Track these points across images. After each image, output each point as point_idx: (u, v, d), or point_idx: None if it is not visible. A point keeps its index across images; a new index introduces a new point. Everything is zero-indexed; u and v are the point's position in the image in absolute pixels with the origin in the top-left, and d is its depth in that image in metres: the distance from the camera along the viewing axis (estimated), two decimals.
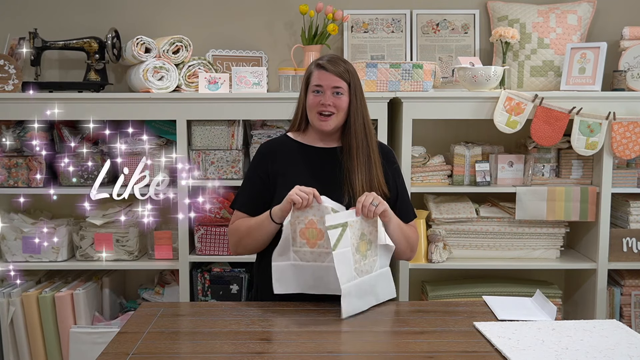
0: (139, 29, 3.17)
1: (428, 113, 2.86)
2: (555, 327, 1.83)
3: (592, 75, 2.93)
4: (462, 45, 3.25)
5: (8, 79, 2.90)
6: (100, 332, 2.90)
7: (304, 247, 1.98)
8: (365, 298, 2.00)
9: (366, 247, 2.00)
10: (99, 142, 3.03)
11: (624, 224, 2.95)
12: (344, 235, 1.93)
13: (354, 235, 1.96)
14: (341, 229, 1.93)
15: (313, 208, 1.97)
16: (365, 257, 2.00)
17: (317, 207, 1.96)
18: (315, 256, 1.98)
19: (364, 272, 1.99)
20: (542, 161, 2.99)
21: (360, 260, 1.98)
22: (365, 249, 2.00)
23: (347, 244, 1.94)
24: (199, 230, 2.96)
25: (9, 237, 2.97)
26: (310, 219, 1.97)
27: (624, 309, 2.97)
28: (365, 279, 1.99)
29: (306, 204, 1.95)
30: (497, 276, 3.17)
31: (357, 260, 1.97)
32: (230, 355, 1.65)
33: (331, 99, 2.11)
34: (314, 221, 1.97)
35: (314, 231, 1.97)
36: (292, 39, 3.27)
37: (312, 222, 1.97)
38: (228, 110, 2.87)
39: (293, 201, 1.96)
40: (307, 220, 1.97)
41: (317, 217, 1.97)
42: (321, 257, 1.97)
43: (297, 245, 1.99)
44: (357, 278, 1.96)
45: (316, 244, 1.97)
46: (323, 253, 1.96)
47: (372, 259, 2.02)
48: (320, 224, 1.96)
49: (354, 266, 1.95)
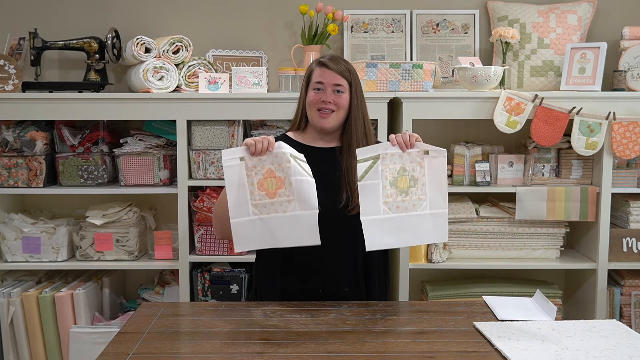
0: (139, 29, 3.17)
1: (428, 113, 2.86)
2: (555, 327, 1.83)
3: (592, 75, 2.93)
4: (462, 45, 3.25)
5: (8, 79, 2.90)
6: (100, 332, 2.90)
7: (264, 199, 1.90)
8: (400, 236, 1.93)
9: (408, 183, 1.92)
10: (99, 142, 3.03)
11: (624, 224, 2.95)
12: (374, 168, 1.87)
13: (388, 169, 1.90)
14: (372, 162, 1.87)
15: (269, 156, 1.90)
16: (405, 194, 1.92)
17: (274, 154, 1.89)
18: (277, 206, 1.90)
19: (402, 209, 1.92)
20: (542, 161, 2.99)
21: (396, 196, 1.91)
22: (407, 185, 1.92)
23: (376, 177, 1.88)
24: (199, 230, 2.96)
25: (9, 237, 2.97)
26: (268, 168, 1.90)
27: (624, 309, 2.97)
28: (404, 216, 1.92)
29: (260, 147, 1.88)
30: (497, 276, 3.17)
31: (392, 195, 1.90)
32: (230, 355, 1.65)
33: (332, 97, 2.12)
34: (272, 170, 1.90)
35: (273, 180, 1.90)
36: (292, 39, 3.27)
37: (270, 172, 1.90)
38: (228, 110, 2.87)
39: (247, 145, 1.89)
40: (265, 170, 1.90)
41: (275, 165, 1.90)
42: (282, 206, 1.90)
43: (256, 198, 1.90)
44: (388, 213, 1.91)
45: (276, 193, 1.90)
46: (284, 202, 1.90)
47: (416, 196, 1.93)
48: (279, 171, 1.89)
49: (385, 200, 1.89)
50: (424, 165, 1.94)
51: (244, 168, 1.91)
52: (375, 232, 1.89)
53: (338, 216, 2.06)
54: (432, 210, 1.95)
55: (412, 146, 1.94)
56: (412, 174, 1.93)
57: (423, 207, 1.94)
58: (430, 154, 1.94)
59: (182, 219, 2.91)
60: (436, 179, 1.95)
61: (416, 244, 1.97)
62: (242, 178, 1.91)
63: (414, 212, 1.93)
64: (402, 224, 1.92)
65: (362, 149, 1.93)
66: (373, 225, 1.89)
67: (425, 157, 1.94)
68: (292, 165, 1.89)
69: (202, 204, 2.94)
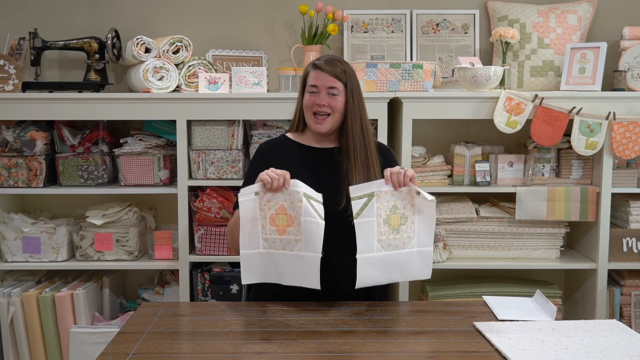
0: (139, 29, 3.17)
1: (428, 113, 2.86)
2: (555, 327, 1.83)
3: (592, 75, 2.93)
4: (462, 45, 3.25)
5: (8, 79, 2.90)
6: (100, 332, 2.90)
7: (274, 234, 1.94)
8: (389, 272, 1.96)
9: (399, 221, 1.95)
10: (99, 142, 3.03)
11: (624, 224, 2.95)
12: (369, 205, 1.89)
13: (382, 206, 1.92)
14: (366, 199, 1.89)
15: (284, 193, 1.92)
16: (397, 231, 1.94)
17: (288, 192, 1.92)
18: (285, 243, 1.93)
19: (393, 247, 1.94)
20: (542, 161, 2.99)
21: (388, 233, 1.93)
22: (398, 223, 1.95)
23: (371, 214, 1.89)
24: (199, 230, 2.96)
25: (9, 237, 2.97)
26: (281, 205, 1.92)
27: (624, 309, 2.97)
28: (395, 253, 1.95)
29: (276, 185, 1.91)
30: (497, 276, 3.17)
31: (384, 233, 1.93)
32: (230, 355, 1.65)
33: (326, 99, 2.11)
34: (285, 207, 1.92)
35: (284, 217, 1.93)
36: (292, 39, 3.27)
37: (282, 208, 1.93)
38: (228, 110, 2.87)
39: (262, 181, 1.92)
40: (278, 206, 1.93)
41: (287, 202, 1.92)
42: (290, 244, 1.93)
43: (267, 232, 1.94)
44: (381, 250, 1.93)
45: (285, 230, 1.93)
46: (292, 241, 1.93)
47: (406, 234, 1.96)
48: (290, 209, 1.92)
49: (378, 237, 1.92)
50: (414, 204, 1.97)
51: (258, 202, 1.94)
52: (367, 269, 1.92)
53: (337, 217, 2.06)
54: (419, 248, 1.99)
55: (406, 185, 1.96)
56: (403, 211, 1.97)
57: (411, 244, 1.98)
58: (421, 195, 1.97)
59: (182, 219, 2.91)
60: (425, 218, 1.99)
61: (402, 280, 2.02)
62: (255, 212, 1.94)
63: (405, 250, 1.97)
64: (391, 260, 1.96)
65: (356, 186, 1.94)
66: (367, 263, 1.92)
67: (416, 196, 1.97)
68: (303, 205, 1.91)
69: (202, 204, 2.94)
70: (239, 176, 2.94)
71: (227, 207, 2.94)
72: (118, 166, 3.00)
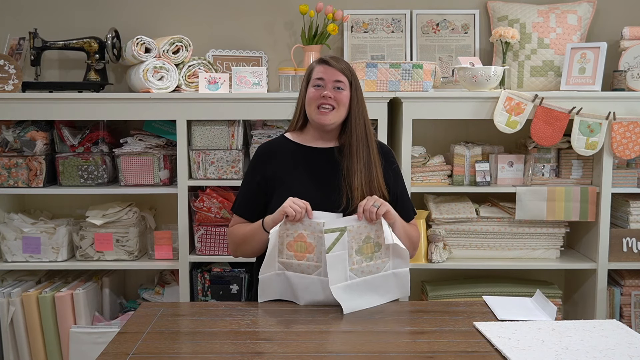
0: (139, 29, 3.17)
1: (428, 113, 2.86)
2: (555, 327, 1.83)
3: (592, 75, 2.93)
4: (462, 45, 3.25)
5: (8, 79, 2.90)
6: (100, 332, 2.90)
7: (291, 259, 1.99)
8: (367, 297, 2.00)
9: (372, 249, 2.01)
10: (99, 142, 3.03)
11: (624, 224, 2.95)
12: (340, 240, 1.94)
13: (354, 239, 1.97)
14: (339, 233, 1.94)
15: (304, 223, 1.97)
16: (370, 259, 2.00)
17: (309, 222, 1.97)
18: (303, 268, 1.98)
19: (367, 273, 2.00)
20: (542, 161, 2.99)
21: (361, 262, 1.99)
22: (372, 251, 2.01)
23: (342, 248, 1.95)
24: (199, 230, 2.96)
25: (9, 237, 2.97)
26: (300, 233, 1.97)
27: (624, 309, 2.97)
28: (368, 279, 2.00)
29: (299, 217, 1.96)
30: (497, 276, 3.17)
31: (357, 262, 1.98)
32: (230, 355, 1.65)
33: (332, 92, 2.13)
34: (304, 235, 1.97)
35: (303, 244, 1.98)
36: (292, 39, 3.27)
37: (301, 236, 1.98)
38: (228, 110, 2.87)
39: (286, 213, 1.96)
40: (297, 234, 1.98)
41: (307, 231, 1.97)
42: (309, 269, 1.98)
43: (284, 257, 2.00)
44: (355, 278, 1.98)
45: (304, 256, 1.98)
46: (312, 266, 1.98)
47: (380, 260, 2.03)
48: (310, 238, 1.97)
49: (351, 267, 1.97)
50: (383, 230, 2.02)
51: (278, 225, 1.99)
52: (345, 296, 1.96)
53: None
54: (395, 270, 2.05)
55: (378, 218, 2.00)
56: (377, 240, 2.02)
57: (386, 267, 2.04)
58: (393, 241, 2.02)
59: (182, 219, 2.91)
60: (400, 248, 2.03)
61: (380, 302, 2.05)
62: (276, 239, 1.99)
63: (379, 274, 2.03)
64: (368, 285, 2.01)
65: (331, 220, 1.98)
66: (342, 291, 1.95)
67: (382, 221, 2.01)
68: (325, 237, 1.95)
69: (202, 204, 2.94)
70: (239, 176, 2.94)
71: (227, 207, 2.95)
72: (118, 166, 3.00)
